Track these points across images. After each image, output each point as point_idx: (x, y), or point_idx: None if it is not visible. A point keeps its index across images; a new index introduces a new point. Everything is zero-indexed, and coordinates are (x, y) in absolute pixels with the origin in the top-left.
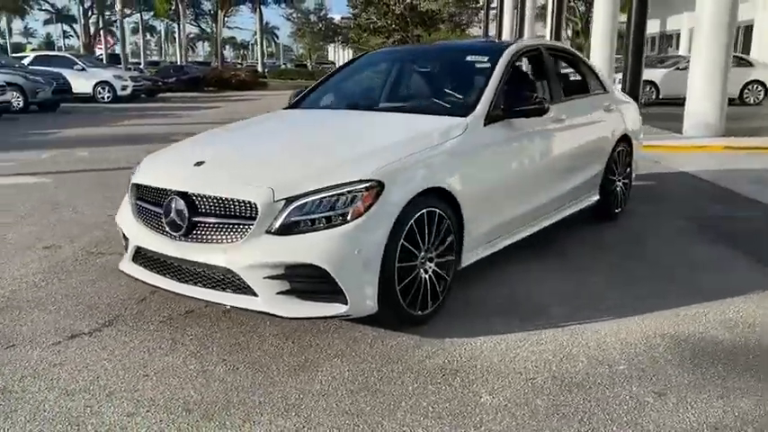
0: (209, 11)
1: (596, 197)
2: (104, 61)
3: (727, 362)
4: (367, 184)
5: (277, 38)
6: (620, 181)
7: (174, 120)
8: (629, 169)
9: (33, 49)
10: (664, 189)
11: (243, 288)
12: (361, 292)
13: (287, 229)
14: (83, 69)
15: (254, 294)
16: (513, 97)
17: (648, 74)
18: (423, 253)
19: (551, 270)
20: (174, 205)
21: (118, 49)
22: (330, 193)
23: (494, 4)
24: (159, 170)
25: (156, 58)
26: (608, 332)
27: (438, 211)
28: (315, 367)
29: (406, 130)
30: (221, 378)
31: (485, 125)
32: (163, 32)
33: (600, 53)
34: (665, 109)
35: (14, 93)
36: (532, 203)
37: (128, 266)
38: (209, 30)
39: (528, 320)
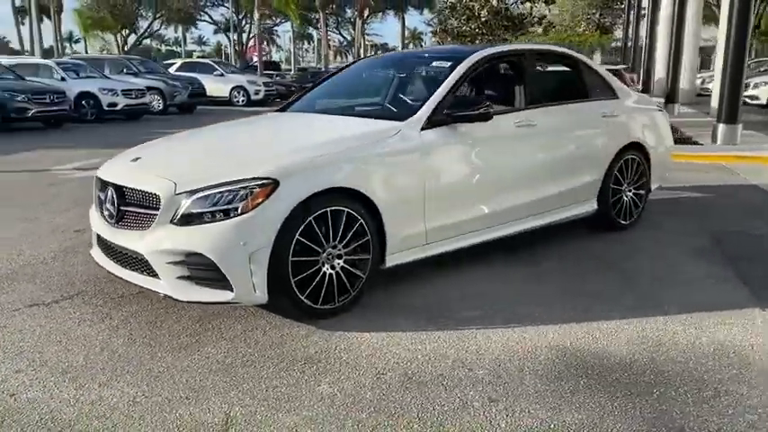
0: (350, 18)
1: (594, 206)
2: (259, 68)
3: (595, 378)
4: (260, 182)
5: (424, 43)
6: (629, 191)
7: None
8: (644, 179)
9: (200, 57)
10: (712, 202)
11: (151, 272)
12: (247, 281)
13: (186, 220)
14: (221, 75)
15: (159, 278)
16: (460, 103)
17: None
18: (328, 249)
19: (507, 275)
20: (109, 195)
21: (275, 56)
22: (225, 189)
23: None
24: (110, 165)
25: (313, 65)
26: (501, 339)
27: (347, 210)
28: (199, 347)
29: (337, 133)
30: (115, 349)
31: (423, 129)
32: (315, 40)
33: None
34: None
35: (155, 96)
36: (485, 209)
37: (94, 251)
38: (349, 37)
39: (434, 321)
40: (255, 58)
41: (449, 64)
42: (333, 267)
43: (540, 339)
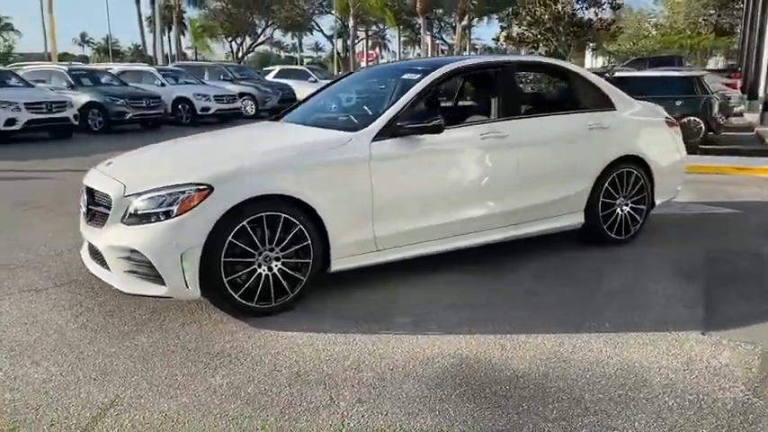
0: (452, 23)
1: (580, 220)
2: None
3: (474, 388)
4: (195, 187)
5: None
6: (625, 205)
7: None
8: (643, 194)
9: (311, 63)
10: (736, 218)
11: (106, 265)
12: (179, 278)
13: (131, 219)
14: (315, 81)
15: (110, 271)
16: (414, 116)
17: None
18: (265, 252)
19: (459, 284)
20: (84, 196)
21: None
22: (165, 192)
23: None
24: (93, 169)
25: None
26: (411, 345)
27: (284, 215)
28: (134, 335)
29: (289, 142)
30: (65, 333)
31: (376, 140)
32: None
33: None
34: None
35: (248, 101)
36: (443, 219)
37: (83, 251)
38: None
39: (361, 325)
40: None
41: (417, 77)
42: (270, 269)
43: (449, 347)
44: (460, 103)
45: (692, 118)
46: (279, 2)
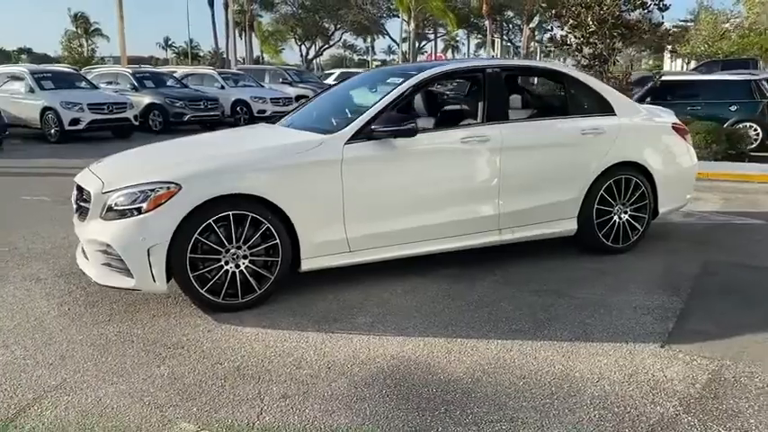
0: (519, 25)
1: (573, 227)
2: None
3: (402, 390)
4: (164, 185)
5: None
6: (624, 213)
7: None
8: (644, 202)
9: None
10: (751, 229)
11: (87, 257)
12: (146, 271)
13: (108, 215)
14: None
15: (90, 262)
16: (389, 119)
17: None
18: (232, 249)
19: (435, 288)
20: (74, 192)
21: None
22: (137, 189)
23: None
24: (86, 168)
25: None
26: (360, 344)
27: (252, 215)
28: (104, 325)
29: (264, 144)
30: (43, 319)
31: (349, 143)
32: (497, 47)
33: None
34: None
35: None
36: (420, 221)
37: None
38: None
39: (321, 324)
40: None
41: (399, 81)
42: (237, 266)
43: (395, 349)
44: (446, 107)
45: (747, 124)
46: (347, 6)
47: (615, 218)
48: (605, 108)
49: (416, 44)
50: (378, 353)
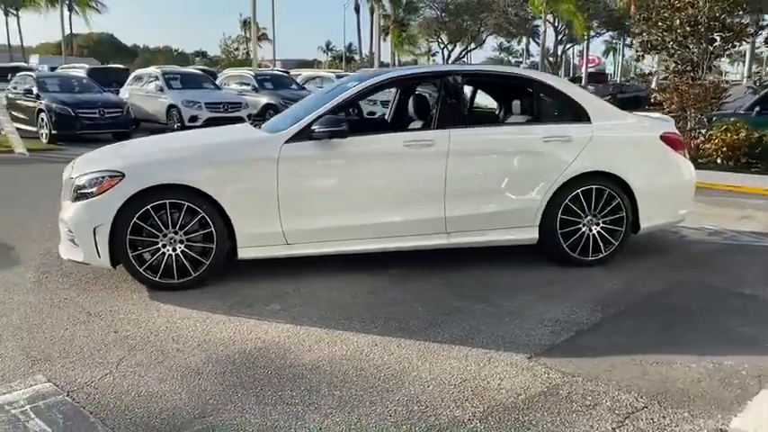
0: None
1: (533, 235)
2: (583, 79)
3: (242, 371)
4: (111, 173)
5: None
6: (595, 225)
7: None
8: (619, 214)
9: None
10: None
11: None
12: (92, 248)
13: (73, 197)
14: None
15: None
16: (327, 122)
17: None
18: (170, 234)
19: (368, 285)
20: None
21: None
22: (92, 176)
23: None
24: None
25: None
26: (251, 329)
27: (187, 203)
28: (64, 290)
29: (217, 140)
30: (14, 290)
31: (289, 142)
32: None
33: None
34: None
35: None
36: (359, 220)
37: None
38: None
39: (236, 308)
40: (590, 69)
41: (352, 85)
42: (174, 250)
43: (271, 334)
44: (400, 110)
45: None
46: (489, 9)
47: (584, 229)
48: (579, 115)
49: (544, 45)
50: (252, 336)
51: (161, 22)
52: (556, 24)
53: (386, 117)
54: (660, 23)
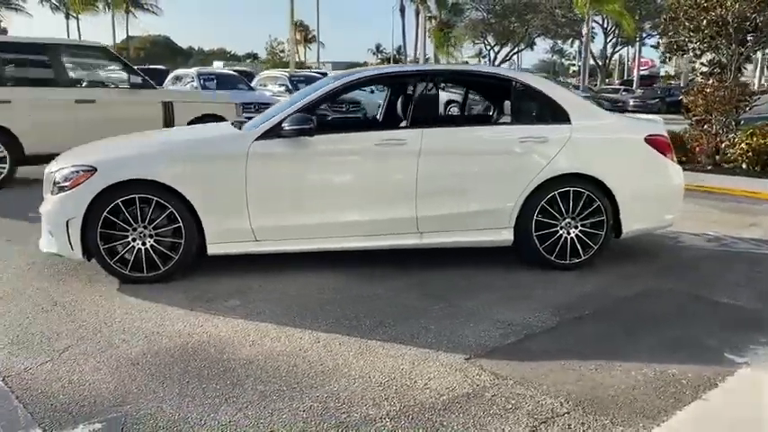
0: None
1: (507, 237)
2: (635, 82)
3: (183, 362)
4: (84, 168)
5: None
6: (574, 228)
7: None
8: (599, 217)
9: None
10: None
11: None
12: (65, 240)
13: (52, 191)
14: None
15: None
16: (296, 120)
17: None
18: (139, 228)
19: (332, 282)
20: None
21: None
22: (67, 171)
23: None
24: None
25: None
26: (200, 323)
27: (156, 198)
28: (41, 280)
29: (190, 137)
30: (1, 290)
31: (258, 140)
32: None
33: None
34: None
35: None
36: (327, 218)
37: None
38: None
39: (195, 302)
40: (643, 72)
41: (325, 83)
42: (144, 244)
43: (219, 329)
44: (374, 110)
45: None
46: (535, 10)
47: (562, 232)
48: (558, 116)
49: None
50: (200, 330)
51: (218, 23)
52: (605, 26)
53: (362, 116)
54: (687, 24)
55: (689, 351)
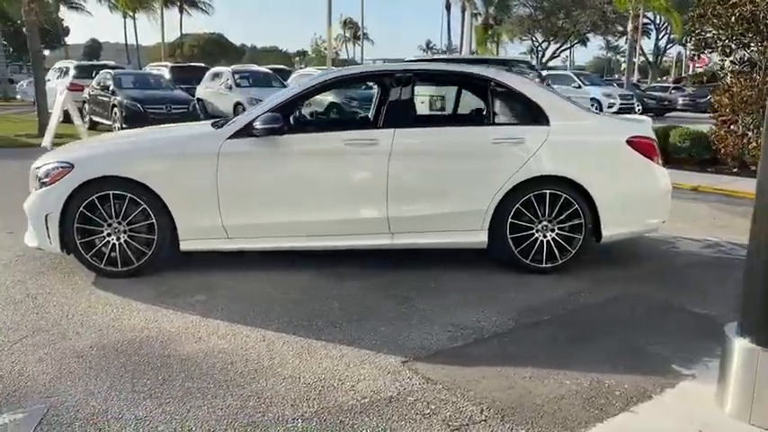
0: None
1: (481, 239)
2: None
3: (138, 358)
4: (62, 164)
5: None
6: (550, 231)
7: None
8: (576, 221)
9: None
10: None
11: None
12: (44, 234)
13: (35, 186)
14: (578, 87)
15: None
16: (266, 120)
17: None
18: (114, 224)
19: (298, 282)
20: None
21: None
22: (48, 167)
23: None
24: None
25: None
26: (157, 318)
27: (129, 195)
28: (21, 273)
29: (166, 135)
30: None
31: (231, 138)
32: None
33: None
34: None
35: None
36: (299, 217)
37: None
38: None
39: (161, 297)
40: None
41: (304, 82)
42: (118, 239)
43: (174, 324)
44: (350, 109)
45: None
46: (583, 6)
47: (538, 235)
48: (536, 116)
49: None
50: (153, 325)
51: (272, 21)
52: (657, 22)
53: (337, 116)
54: (715, 20)
55: (636, 361)
